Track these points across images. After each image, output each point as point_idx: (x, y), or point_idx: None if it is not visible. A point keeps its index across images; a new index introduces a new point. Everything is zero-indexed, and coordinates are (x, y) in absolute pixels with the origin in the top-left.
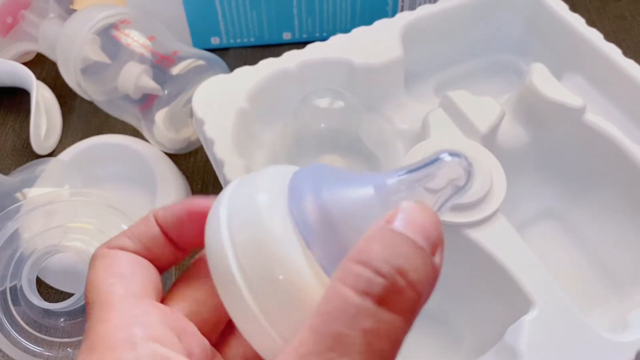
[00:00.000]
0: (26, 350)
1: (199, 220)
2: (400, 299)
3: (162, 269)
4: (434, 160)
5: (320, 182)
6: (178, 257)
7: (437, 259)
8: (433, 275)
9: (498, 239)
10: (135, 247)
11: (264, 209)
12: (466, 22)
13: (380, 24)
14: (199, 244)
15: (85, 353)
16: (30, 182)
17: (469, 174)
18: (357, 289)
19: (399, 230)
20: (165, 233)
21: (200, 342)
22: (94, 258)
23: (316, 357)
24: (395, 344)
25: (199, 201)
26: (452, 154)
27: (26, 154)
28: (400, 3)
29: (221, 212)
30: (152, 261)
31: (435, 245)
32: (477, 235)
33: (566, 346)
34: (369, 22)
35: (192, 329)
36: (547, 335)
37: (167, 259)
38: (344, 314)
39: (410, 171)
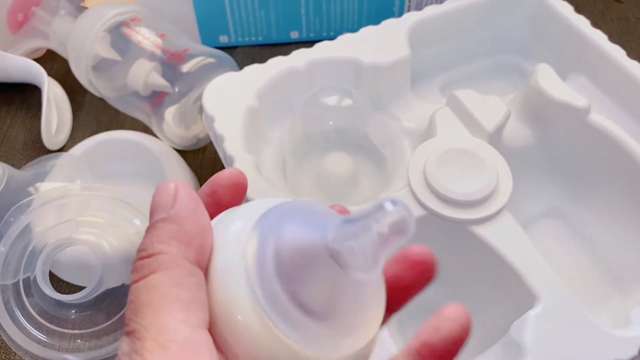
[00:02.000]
0: (38, 341)
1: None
2: None
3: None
4: (377, 208)
5: (279, 229)
6: None
7: (175, 207)
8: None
9: (504, 236)
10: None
11: (228, 245)
12: (472, 23)
13: (388, 23)
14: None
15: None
16: (41, 177)
17: (407, 221)
18: None
19: None
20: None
21: None
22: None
23: None
24: None
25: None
26: (393, 202)
27: (37, 149)
28: (407, 3)
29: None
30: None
31: (167, 204)
32: (484, 231)
33: (570, 341)
34: (375, 22)
35: None
36: (551, 330)
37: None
38: None
39: (354, 221)
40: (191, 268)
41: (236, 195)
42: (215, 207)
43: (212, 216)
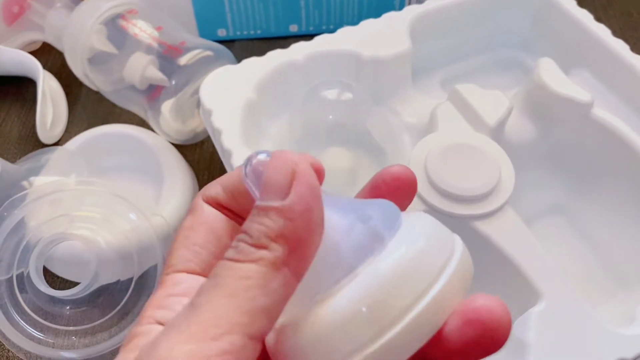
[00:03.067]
0: (32, 338)
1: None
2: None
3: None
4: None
5: None
6: None
7: (290, 198)
8: (286, 217)
9: (506, 232)
10: (224, 197)
11: None
12: (473, 17)
13: (389, 16)
14: None
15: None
16: (36, 171)
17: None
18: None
19: (255, 206)
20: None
21: None
22: (190, 209)
23: None
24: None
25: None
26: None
27: (32, 143)
28: None
29: None
30: (236, 210)
31: (283, 188)
32: (486, 227)
33: (573, 339)
34: (376, 14)
35: None
36: (554, 327)
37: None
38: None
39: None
40: (285, 278)
41: (398, 192)
42: None
43: None
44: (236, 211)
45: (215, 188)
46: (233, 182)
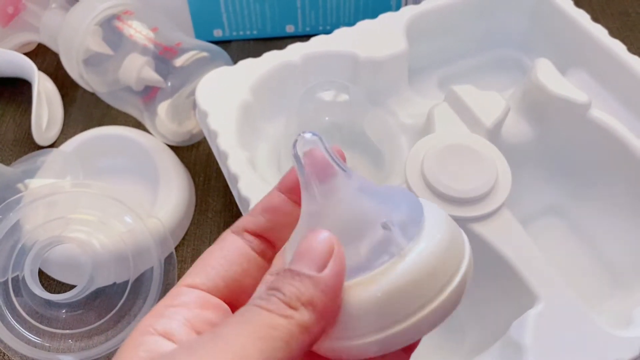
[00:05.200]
0: (27, 342)
1: None
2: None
3: (279, 238)
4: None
5: None
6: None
7: (326, 272)
8: (318, 288)
9: (503, 234)
10: (255, 223)
11: None
12: (470, 17)
13: (385, 17)
14: None
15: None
16: (31, 173)
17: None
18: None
19: (289, 268)
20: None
21: None
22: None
23: None
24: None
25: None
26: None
27: (27, 145)
28: None
29: None
30: (270, 232)
31: (322, 262)
32: (482, 229)
33: (571, 341)
34: (372, 15)
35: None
36: (552, 330)
37: (288, 222)
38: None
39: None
40: (306, 341)
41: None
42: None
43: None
44: (264, 230)
45: (246, 218)
46: (267, 205)
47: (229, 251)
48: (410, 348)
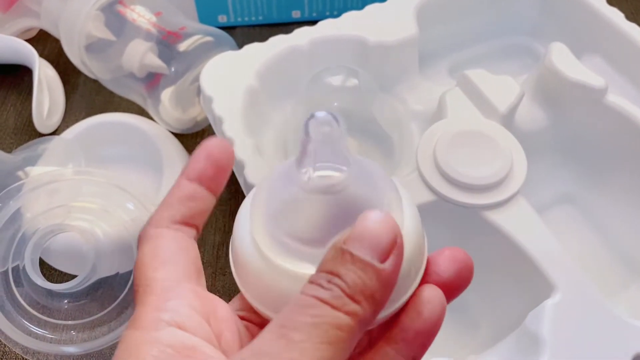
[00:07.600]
0: (29, 333)
1: (219, 162)
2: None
3: (201, 223)
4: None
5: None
6: (214, 203)
7: (388, 264)
8: (380, 281)
9: (518, 222)
10: (179, 213)
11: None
12: (482, 2)
13: (395, 1)
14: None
15: (127, 329)
16: (32, 161)
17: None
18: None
19: (348, 250)
20: (202, 184)
21: (231, 326)
22: (141, 239)
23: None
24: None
25: (215, 146)
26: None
27: (28, 133)
28: None
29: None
30: (195, 219)
31: (385, 252)
32: (497, 217)
33: (589, 332)
34: None
35: (225, 314)
36: (569, 320)
37: (206, 208)
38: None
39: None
40: (360, 335)
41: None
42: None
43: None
44: (188, 218)
45: (162, 214)
46: (178, 196)
47: (175, 242)
48: (425, 344)
